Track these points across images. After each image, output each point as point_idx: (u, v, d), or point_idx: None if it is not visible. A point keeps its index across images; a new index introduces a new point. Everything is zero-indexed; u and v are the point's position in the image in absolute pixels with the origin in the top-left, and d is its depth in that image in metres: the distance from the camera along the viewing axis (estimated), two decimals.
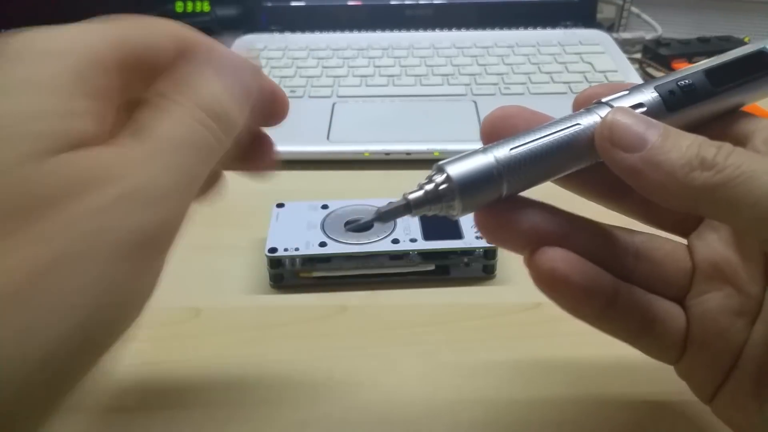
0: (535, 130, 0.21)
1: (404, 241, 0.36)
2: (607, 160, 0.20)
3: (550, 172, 0.21)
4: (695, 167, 0.19)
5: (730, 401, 0.23)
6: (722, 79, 0.22)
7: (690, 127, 0.21)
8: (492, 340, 0.32)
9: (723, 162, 0.18)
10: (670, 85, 0.22)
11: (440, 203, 0.20)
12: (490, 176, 0.20)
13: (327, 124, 0.53)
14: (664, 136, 0.20)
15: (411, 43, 0.65)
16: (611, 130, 0.20)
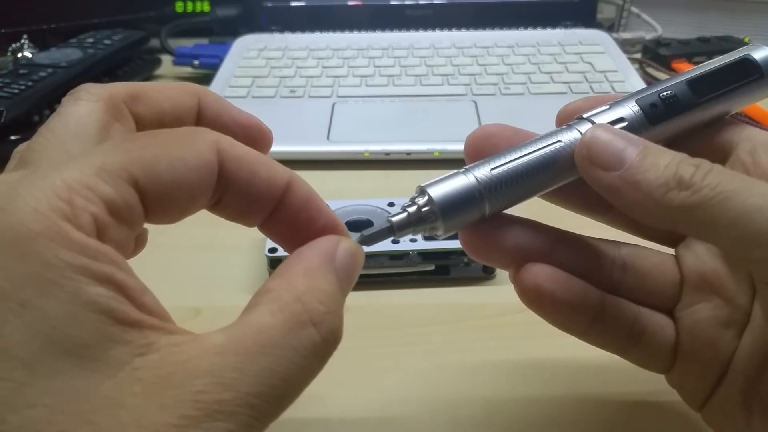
0: (517, 148, 0.21)
1: (404, 241, 0.36)
2: (586, 178, 0.20)
3: (532, 190, 0.22)
4: (672, 187, 0.19)
5: (720, 410, 0.23)
6: (706, 89, 0.22)
7: (674, 137, 0.22)
8: (492, 340, 0.32)
9: (700, 182, 0.18)
10: (652, 97, 0.21)
11: (423, 225, 0.21)
12: (471, 197, 0.21)
13: (327, 124, 0.53)
14: (643, 155, 0.19)
15: (411, 43, 0.65)
16: (589, 148, 0.20)
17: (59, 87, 0.54)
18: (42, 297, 0.13)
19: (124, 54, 0.65)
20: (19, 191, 0.14)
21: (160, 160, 0.16)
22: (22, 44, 0.66)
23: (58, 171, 0.15)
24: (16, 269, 0.14)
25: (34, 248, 0.14)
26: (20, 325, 0.13)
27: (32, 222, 0.14)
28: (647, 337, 0.23)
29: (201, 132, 0.17)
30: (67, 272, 0.14)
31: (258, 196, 0.18)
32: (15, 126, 0.50)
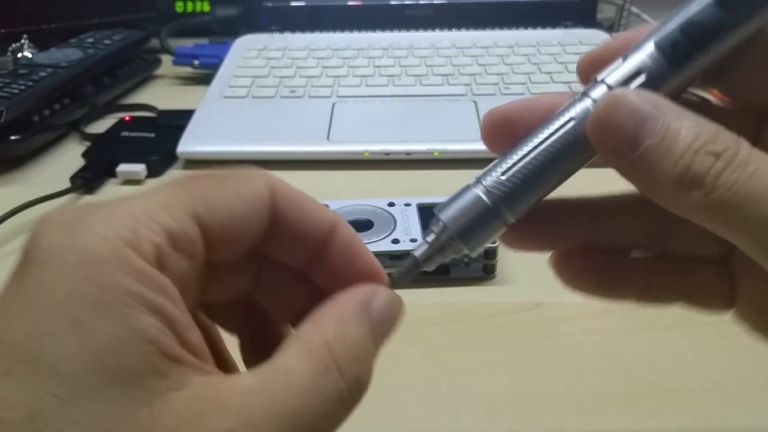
0: (528, 140, 0.19)
1: (404, 241, 0.36)
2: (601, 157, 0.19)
3: (554, 183, 0.19)
4: (685, 185, 0.17)
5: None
6: (739, 4, 0.17)
7: (712, 66, 0.18)
8: (492, 340, 0.32)
9: (713, 182, 0.16)
10: (673, 34, 0.18)
11: (448, 251, 0.19)
12: (487, 214, 0.19)
13: (327, 124, 0.53)
14: (661, 136, 0.17)
15: (411, 43, 0.65)
16: (600, 129, 0.18)
17: (59, 87, 0.54)
18: (95, 318, 0.14)
19: (124, 54, 0.65)
20: (88, 218, 0.15)
21: (219, 196, 0.17)
22: (22, 44, 0.66)
23: (126, 203, 0.16)
24: (76, 289, 0.14)
25: (96, 271, 0.14)
26: (71, 344, 0.14)
27: (98, 246, 0.15)
28: (702, 290, 0.22)
29: (255, 171, 0.18)
30: (123, 297, 0.14)
31: (305, 234, 0.18)
32: (15, 126, 0.50)
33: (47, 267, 0.15)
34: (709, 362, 0.30)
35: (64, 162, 0.51)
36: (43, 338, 0.14)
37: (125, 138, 0.53)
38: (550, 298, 0.35)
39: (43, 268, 0.15)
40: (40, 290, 0.14)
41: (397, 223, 0.37)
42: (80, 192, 0.47)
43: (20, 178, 0.50)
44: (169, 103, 0.60)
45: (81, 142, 0.55)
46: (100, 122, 0.59)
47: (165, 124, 0.54)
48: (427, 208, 0.39)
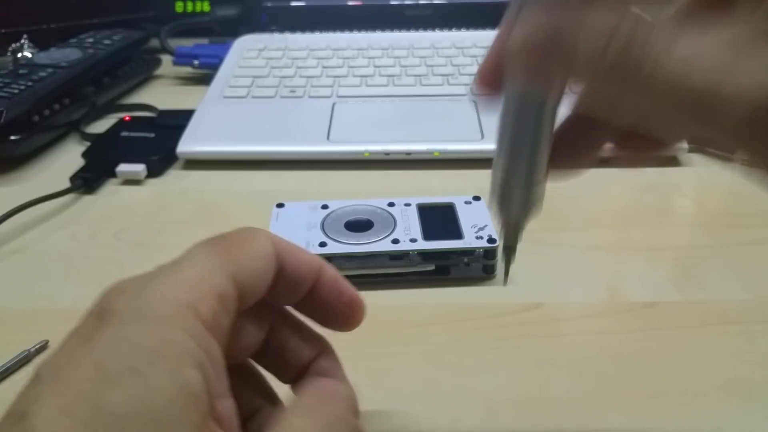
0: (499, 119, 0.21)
1: (404, 241, 0.36)
2: None
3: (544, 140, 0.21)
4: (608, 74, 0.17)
5: None
6: None
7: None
8: (492, 340, 0.32)
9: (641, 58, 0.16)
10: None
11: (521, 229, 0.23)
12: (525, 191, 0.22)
13: (327, 124, 0.53)
14: (572, 41, 0.17)
15: (411, 43, 0.65)
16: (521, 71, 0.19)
17: (59, 87, 0.54)
18: (149, 368, 0.16)
19: (124, 54, 0.65)
20: (151, 284, 0.18)
21: (242, 256, 0.20)
22: (22, 44, 0.66)
23: (183, 269, 0.18)
24: (138, 342, 0.16)
25: (157, 328, 0.17)
26: (125, 389, 0.16)
27: (160, 308, 0.17)
28: None
29: (258, 230, 0.21)
30: (175, 353, 0.16)
31: (301, 277, 0.22)
32: (15, 126, 0.50)
33: (115, 324, 0.17)
34: (709, 362, 0.30)
35: (64, 162, 0.51)
36: (103, 383, 0.16)
37: (125, 138, 0.53)
38: (550, 298, 0.35)
39: (111, 325, 0.17)
40: (107, 342, 0.16)
41: (397, 223, 0.37)
42: (80, 192, 0.47)
43: (20, 178, 0.50)
44: (169, 103, 0.60)
45: (81, 142, 0.55)
46: (100, 122, 0.59)
47: (165, 124, 0.54)
48: (427, 208, 0.39)
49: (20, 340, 0.32)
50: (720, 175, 0.48)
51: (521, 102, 0.20)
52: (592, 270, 0.38)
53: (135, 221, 0.43)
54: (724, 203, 0.44)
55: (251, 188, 0.48)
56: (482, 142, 0.49)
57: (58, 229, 0.43)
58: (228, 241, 0.20)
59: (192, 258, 0.19)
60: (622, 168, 0.47)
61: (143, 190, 0.48)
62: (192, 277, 0.18)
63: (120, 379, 0.16)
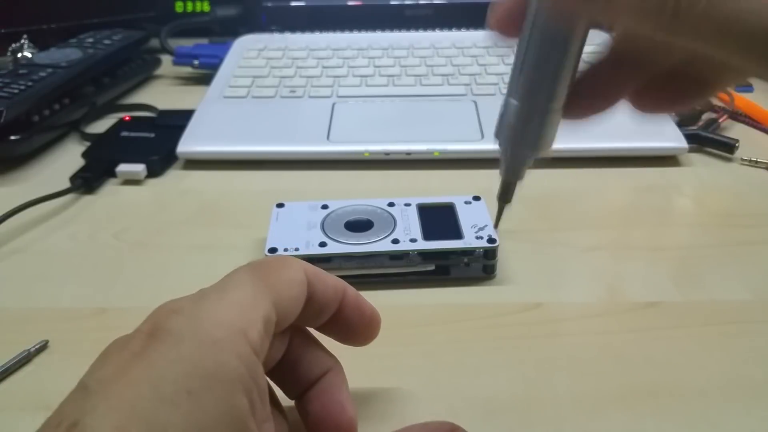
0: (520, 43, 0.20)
1: (404, 241, 0.36)
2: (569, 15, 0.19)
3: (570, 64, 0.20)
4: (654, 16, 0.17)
5: None
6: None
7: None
8: (492, 340, 0.32)
9: None
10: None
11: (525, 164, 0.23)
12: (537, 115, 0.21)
13: (327, 124, 0.53)
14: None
15: (411, 43, 0.65)
16: None
17: (59, 87, 0.54)
18: (205, 392, 0.17)
19: (124, 54, 0.65)
20: (205, 306, 0.18)
21: (280, 283, 0.20)
22: (21, 44, 0.66)
23: (232, 293, 0.19)
24: (195, 364, 0.17)
25: (212, 352, 0.17)
26: (180, 411, 0.16)
27: (216, 331, 0.18)
28: None
29: (293, 259, 0.22)
30: (228, 378, 0.17)
31: (329, 301, 0.23)
32: (15, 126, 0.50)
33: (172, 344, 0.17)
34: (710, 362, 0.30)
35: (64, 162, 0.51)
36: (161, 403, 0.16)
37: (125, 138, 0.53)
38: (550, 298, 0.35)
39: (168, 345, 0.17)
40: (165, 362, 0.17)
41: (397, 223, 0.37)
42: (80, 192, 0.47)
43: (20, 178, 0.50)
44: (169, 103, 0.60)
45: (81, 142, 0.55)
46: (99, 122, 0.59)
47: (165, 124, 0.54)
48: (427, 208, 0.39)
49: (20, 340, 0.32)
50: (720, 175, 0.48)
51: (550, 29, 0.20)
52: (592, 270, 0.38)
53: (135, 221, 0.43)
54: (724, 203, 0.44)
55: (251, 188, 0.48)
56: (482, 142, 0.49)
57: (58, 229, 0.43)
58: (267, 268, 0.21)
59: (238, 282, 0.20)
60: (613, 167, 0.47)
61: (143, 190, 0.48)
62: (241, 301, 0.19)
63: (176, 399, 0.16)
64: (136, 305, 0.32)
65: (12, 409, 0.29)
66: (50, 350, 0.32)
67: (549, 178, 0.47)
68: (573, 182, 0.47)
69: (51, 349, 0.32)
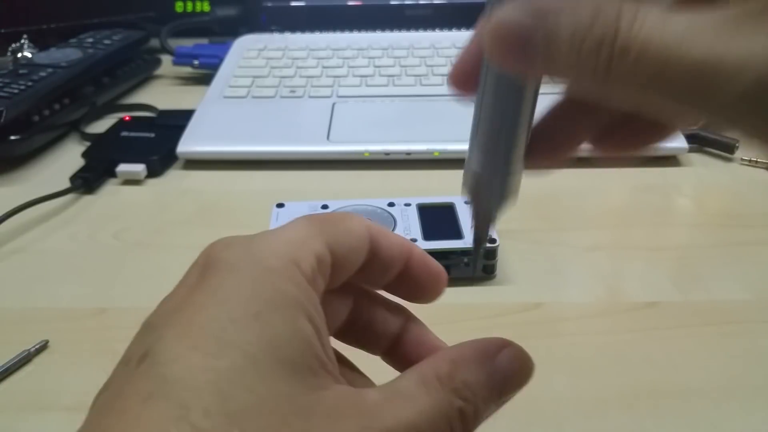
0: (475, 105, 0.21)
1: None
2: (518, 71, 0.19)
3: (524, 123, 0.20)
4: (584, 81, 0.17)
5: None
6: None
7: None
8: None
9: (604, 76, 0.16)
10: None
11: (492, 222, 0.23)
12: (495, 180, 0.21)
13: (327, 124, 0.53)
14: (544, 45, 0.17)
15: (411, 43, 0.65)
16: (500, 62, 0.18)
17: (59, 87, 0.54)
18: (271, 314, 0.17)
19: (124, 54, 0.65)
20: (258, 240, 0.19)
21: (338, 230, 0.21)
22: (21, 44, 0.66)
23: (282, 231, 0.20)
24: (256, 290, 0.17)
25: (270, 279, 0.18)
26: (253, 331, 0.17)
27: (270, 260, 0.18)
28: None
29: (355, 214, 0.22)
30: (290, 302, 0.17)
31: (393, 258, 0.23)
32: (15, 126, 0.50)
33: (231, 273, 0.18)
34: (710, 362, 0.30)
35: (64, 162, 0.51)
36: (231, 323, 0.16)
37: (125, 138, 0.53)
38: (550, 298, 0.35)
39: (228, 273, 0.18)
40: (226, 288, 0.17)
41: (397, 223, 0.37)
42: (80, 192, 0.47)
43: (20, 178, 0.50)
44: (168, 103, 0.60)
45: (81, 142, 0.55)
46: (99, 122, 0.59)
47: (165, 124, 0.54)
48: (427, 208, 0.39)
49: (20, 340, 0.32)
50: (720, 175, 0.48)
51: (500, 86, 0.20)
52: (592, 270, 0.38)
53: (135, 221, 0.43)
54: (724, 203, 0.44)
55: (251, 188, 0.48)
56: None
57: (58, 229, 0.43)
58: (325, 217, 0.21)
59: (293, 224, 0.20)
60: (612, 167, 0.47)
61: (143, 190, 0.48)
62: (293, 237, 0.19)
63: (246, 321, 0.17)
64: (136, 305, 0.32)
65: (12, 409, 0.29)
66: (50, 350, 0.32)
67: (549, 178, 0.47)
68: (573, 182, 0.47)
69: (51, 349, 0.32)
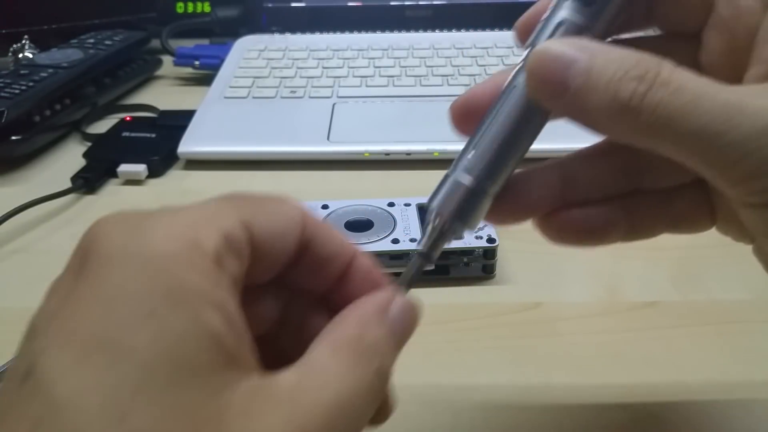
0: (485, 117, 0.20)
1: (404, 241, 0.36)
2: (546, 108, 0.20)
3: (519, 147, 0.21)
4: (614, 112, 0.18)
5: None
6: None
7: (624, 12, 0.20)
8: (492, 340, 0.32)
9: (638, 105, 0.17)
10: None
11: (448, 235, 0.21)
12: (470, 190, 0.20)
13: (327, 125, 0.53)
14: (586, 73, 0.18)
15: (411, 43, 0.65)
16: (534, 82, 0.19)
17: (60, 87, 0.54)
18: (168, 310, 0.14)
19: (125, 54, 0.65)
20: (149, 219, 0.16)
21: (261, 210, 0.18)
22: (23, 44, 0.66)
23: (185, 209, 0.17)
24: (147, 283, 0.15)
25: (166, 266, 0.15)
26: (146, 333, 0.14)
27: (164, 244, 0.15)
28: (684, 217, 0.23)
29: (288, 197, 0.20)
30: (190, 294, 0.15)
31: (330, 256, 0.20)
32: (16, 126, 0.50)
33: (114, 264, 0.15)
34: (709, 362, 0.31)
35: (65, 162, 0.51)
36: (120, 326, 0.14)
37: (126, 138, 0.53)
38: (550, 298, 0.35)
39: (110, 266, 0.15)
40: (110, 285, 0.15)
41: (397, 223, 0.37)
42: (81, 192, 0.47)
43: (21, 179, 0.50)
44: (169, 104, 0.60)
45: (82, 142, 0.55)
46: (101, 122, 0.59)
47: (166, 124, 0.54)
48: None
49: (21, 340, 0.32)
50: None
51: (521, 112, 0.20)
52: (591, 270, 0.38)
53: None
54: None
55: (252, 188, 0.48)
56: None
57: (59, 229, 0.43)
58: (247, 195, 0.19)
59: (202, 202, 0.18)
60: None
61: (144, 190, 0.48)
62: (197, 215, 0.17)
63: (137, 322, 0.14)
64: None
65: None
66: None
67: None
68: None
69: None
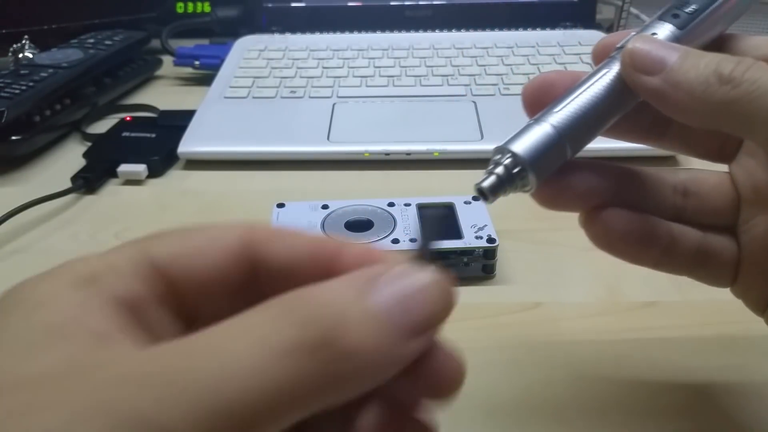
0: (574, 88, 0.22)
1: (404, 240, 0.36)
2: (632, 86, 0.21)
3: (601, 123, 0.22)
4: (712, 83, 0.19)
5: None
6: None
7: (715, 39, 0.23)
8: (492, 340, 0.32)
9: (740, 76, 0.19)
10: (672, 9, 0.23)
11: (514, 184, 0.21)
12: (554, 144, 0.21)
13: (327, 125, 0.53)
14: (683, 57, 0.20)
15: (411, 43, 0.65)
16: (632, 56, 0.21)
17: (60, 87, 0.54)
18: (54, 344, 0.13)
19: (125, 54, 0.65)
20: (37, 281, 0.15)
21: (170, 235, 0.17)
22: (23, 44, 0.66)
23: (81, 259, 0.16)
24: None
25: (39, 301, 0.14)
26: None
27: (53, 314, 0.14)
28: (712, 258, 0.24)
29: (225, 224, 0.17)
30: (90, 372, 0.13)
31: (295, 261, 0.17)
32: (16, 126, 0.50)
33: None
34: (709, 362, 0.31)
35: (65, 162, 0.51)
36: None
37: (126, 138, 0.53)
38: (550, 298, 0.35)
39: None
40: None
41: (397, 223, 0.37)
42: (81, 192, 0.47)
43: (21, 179, 0.50)
44: (170, 104, 0.60)
45: (82, 142, 0.55)
46: (101, 122, 0.59)
47: (166, 124, 0.54)
48: (427, 208, 0.39)
49: None
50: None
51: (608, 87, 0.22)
52: (592, 270, 0.38)
53: (136, 221, 0.44)
54: None
55: (252, 188, 0.48)
56: (482, 142, 0.49)
57: (59, 229, 0.43)
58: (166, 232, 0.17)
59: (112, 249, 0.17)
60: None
61: (144, 190, 0.48)
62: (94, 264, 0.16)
63: None
64: None
65: None
66: None
67: None
68: None
69: None
